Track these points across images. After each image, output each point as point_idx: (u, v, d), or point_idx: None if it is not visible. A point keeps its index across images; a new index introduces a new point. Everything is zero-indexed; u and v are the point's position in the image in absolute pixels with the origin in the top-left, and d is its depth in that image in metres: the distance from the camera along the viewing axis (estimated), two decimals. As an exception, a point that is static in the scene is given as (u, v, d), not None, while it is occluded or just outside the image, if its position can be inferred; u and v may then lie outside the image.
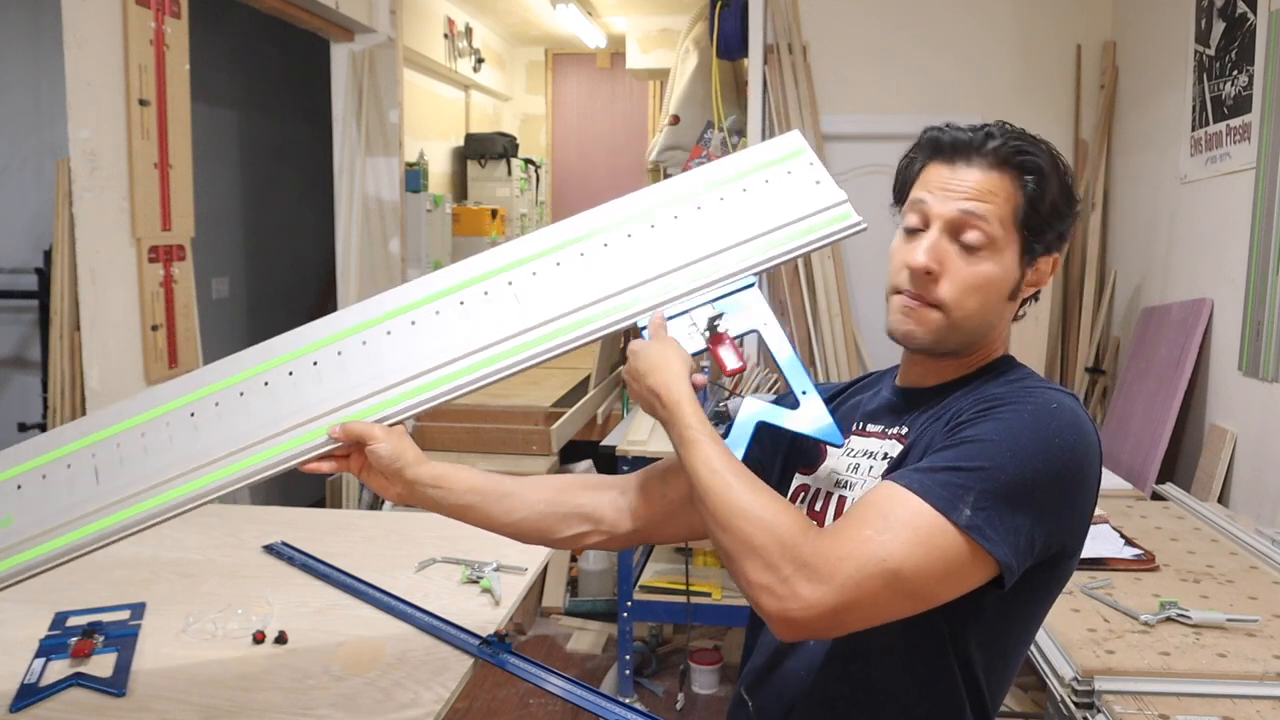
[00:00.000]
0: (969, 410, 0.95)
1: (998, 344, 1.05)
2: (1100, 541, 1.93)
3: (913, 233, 1.01)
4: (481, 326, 1.05)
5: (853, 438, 1.09)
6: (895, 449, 1.03)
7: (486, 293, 1.07)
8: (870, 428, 1.09)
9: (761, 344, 1.06)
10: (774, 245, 1.08)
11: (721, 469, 0.91)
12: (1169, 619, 1.58)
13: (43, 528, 1.00)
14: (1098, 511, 2.09)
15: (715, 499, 0.89)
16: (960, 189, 0.98)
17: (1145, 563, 1.84)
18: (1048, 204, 0.98)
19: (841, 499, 1.05)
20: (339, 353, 1.06)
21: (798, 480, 1.12)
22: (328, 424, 1.04)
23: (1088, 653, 1.47)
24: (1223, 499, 2.60)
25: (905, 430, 1.03)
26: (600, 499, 1.15)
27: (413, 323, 1.06)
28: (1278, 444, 2.42)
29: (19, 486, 1.01)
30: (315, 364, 1.05)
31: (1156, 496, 2.53)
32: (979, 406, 0.94)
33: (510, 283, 1.07)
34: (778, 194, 1.11)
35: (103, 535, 1.01)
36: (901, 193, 1.06)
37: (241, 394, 1.04)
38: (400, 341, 1.06)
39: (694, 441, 0.93)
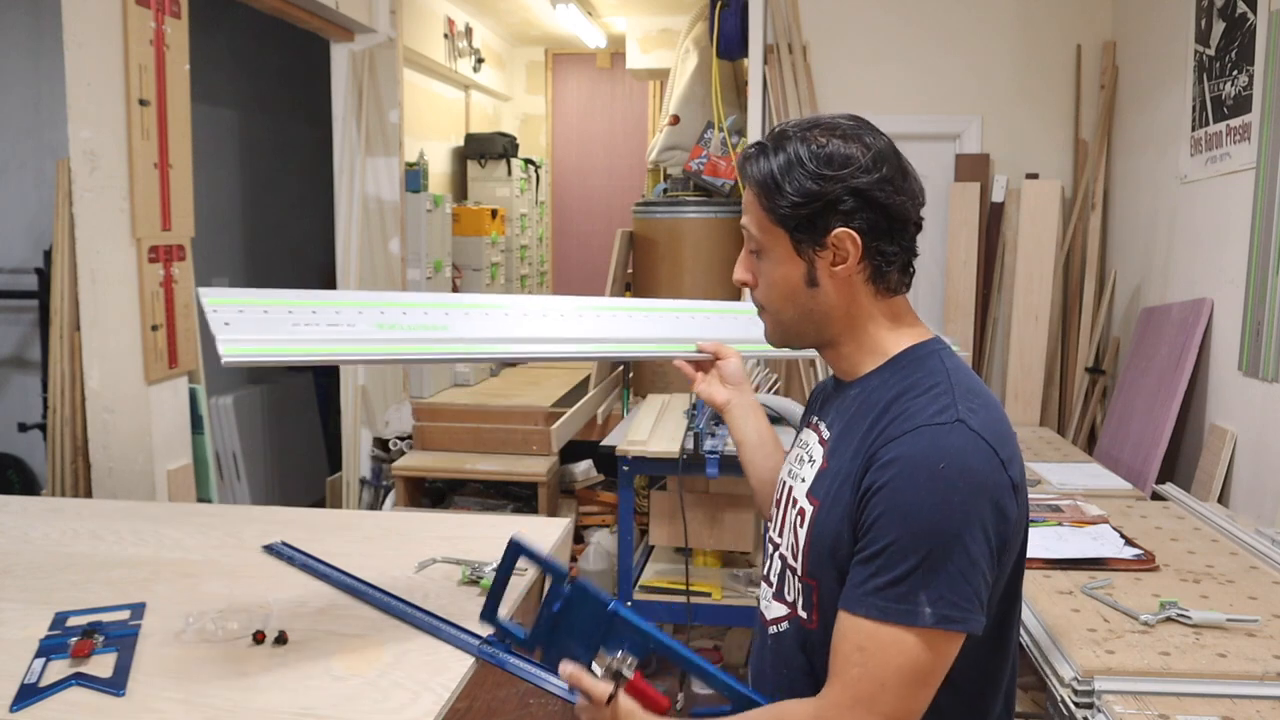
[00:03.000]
0: (871, 474, 0.97)
1: (858, 325, 1.07)
2: (1100, 541, 1.93)
3: None
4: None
5: (806, 430, 1.17)
6: (818, 453, 1.09)
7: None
8: (815, 419, 1.16)
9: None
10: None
11: None
12: (1169, 619, 1.58)
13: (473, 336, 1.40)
14: (1097, 511, 2.10)
15: None
16: None
17: (1145, 563, 1.84)
18: (784, 199, 1.02)
19: (789, 488, 1.13)
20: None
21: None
22: (692, 344, 1.44)
23: (1088, 653, 1.47)
24: (1223, 499, 2.60)
25: (828, 435, 1.10)
26: None
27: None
28: (1278, 444, 2.42)
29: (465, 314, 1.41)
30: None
31: (1156, 496, 2.52)
32: (879, 481, 0.95)
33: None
34: None
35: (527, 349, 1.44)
36: None
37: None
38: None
39: None
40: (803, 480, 1.09)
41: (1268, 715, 1.32)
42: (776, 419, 2.86)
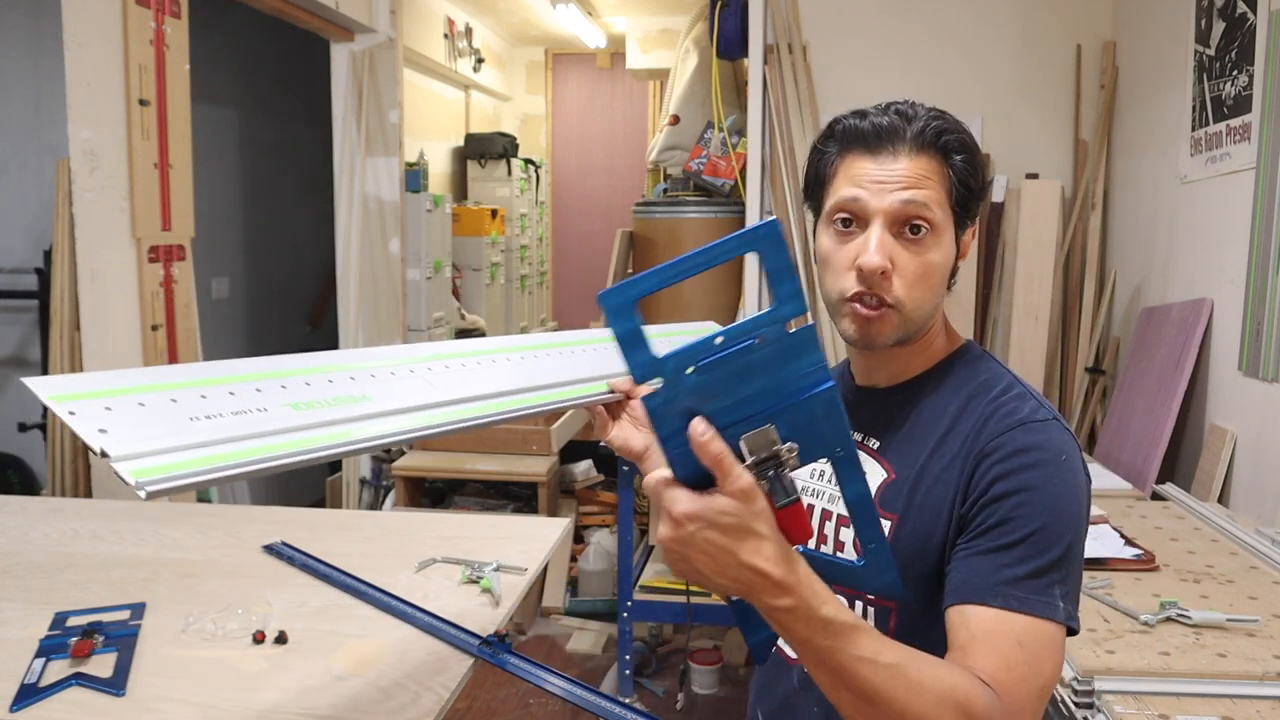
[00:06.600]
0: (994, 468, 0.90)
1: (938, 323, 1.03)
2: (1100, 541, 1.92)
3: (845, 231, 0.96)
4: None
5: None
6: (873, 467, 0.99)
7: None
8: None
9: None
10: None
11: (895, 660, 0.74)
12: (1169, 619, 1.58)
13: (397, 407, 0.98)
14: (1098, 511, 2.10)
15: (899, 703, 0.73)
16: (895, 178, 0.94)
17: (1145, 563, 1.84)
18: (978, 179, 0.97)
19: (816, 506, 1.06)
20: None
21: None
22: (602, 384, 1.16)
23: (1088, 653, 1.47)
24: (1223, 499, 2.60)
25: (876, 445, 1.01)
26: None
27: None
28: (1278, 444, 2.42)
29: (372, 375, 1.00)
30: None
31: (1156, 496, 2.52)
32: (1008, 470, 0.89)
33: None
34: None
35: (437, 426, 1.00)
36: (815, 189, 1.02)
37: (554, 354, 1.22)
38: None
39: (849, 630, 0.73)
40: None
41: (1268, 715, 1.32)
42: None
